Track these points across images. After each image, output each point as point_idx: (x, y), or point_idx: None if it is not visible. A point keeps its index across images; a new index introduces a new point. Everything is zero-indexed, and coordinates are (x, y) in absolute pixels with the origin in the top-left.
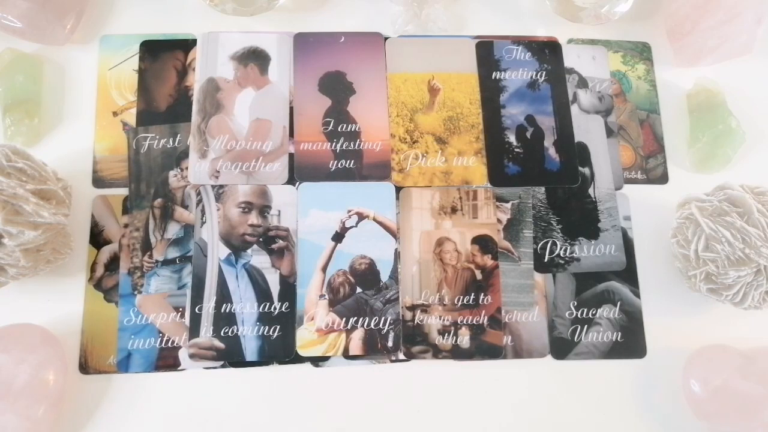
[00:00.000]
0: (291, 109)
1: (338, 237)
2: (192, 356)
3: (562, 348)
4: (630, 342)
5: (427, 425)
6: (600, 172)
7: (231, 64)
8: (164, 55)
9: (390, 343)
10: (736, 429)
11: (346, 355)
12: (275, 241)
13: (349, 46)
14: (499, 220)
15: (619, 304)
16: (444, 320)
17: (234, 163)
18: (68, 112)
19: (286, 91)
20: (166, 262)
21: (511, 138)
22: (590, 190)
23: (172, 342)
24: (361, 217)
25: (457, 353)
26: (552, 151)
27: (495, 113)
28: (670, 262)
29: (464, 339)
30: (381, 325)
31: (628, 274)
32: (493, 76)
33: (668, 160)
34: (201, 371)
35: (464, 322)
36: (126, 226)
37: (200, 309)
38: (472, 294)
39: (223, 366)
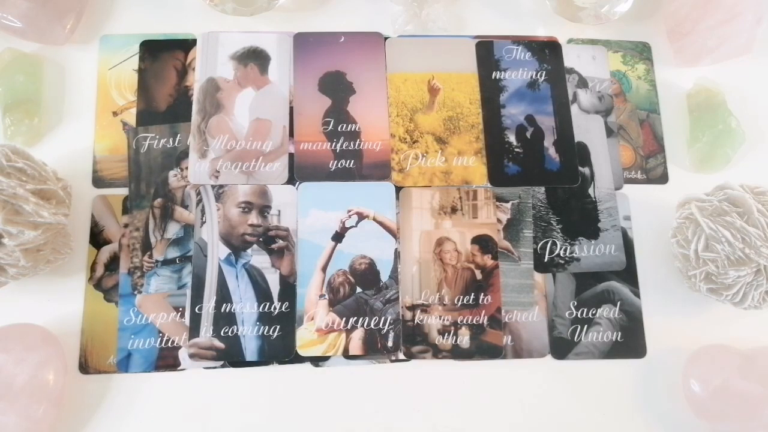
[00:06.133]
0: (291, 108)
1: (338, 237)
2: (192, 356)
3: (562, 348)
4: (630, 342)
5: (427, 425)
6: (600, 172)
7: (231, 64)
8: (164, 55)
9: (390, 343)
10: (736, 429)
11: (346, 355)
12: (275, 241)
13: (349, 46)
14: (499, 220)
15: (619, 304)
16: (444, 320)
17: (234, 163)
18: (68, 112)
19: (286, 90)
20: (166, 262)
21: (511, 138)
22: (590, 190)
23: (172, 342)
24: (361, 217)
25: (457, 353)
26: (552, 151)
27: (495, 113)
28: (670, 262)
29: (464, 339)
30: (381, 325)
31: (628, 274)
32: (493, 76)
33: (668, 160)
34: (201, 371)
35: (464, 322)
36: (126, 226)
37: (200, 309)
38: (472, 294)
39: (223, 366)
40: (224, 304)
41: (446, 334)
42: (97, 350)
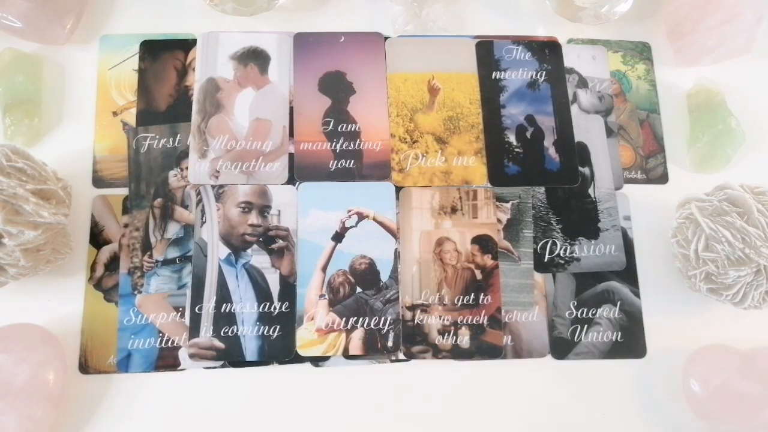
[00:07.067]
0: (291, 108)
1: (338, 237)
2: (192, 356)
3: (562, 348)
4: (630, 342)
5: (427, 425)
6: (600, 172)
7: (231, 64)
8: (164, 55)
9: (390, 343)
10: (736, 429)
11: (346, 355)
12: (275, 241)
13: (349, 46)
14: (499, 220)
15: (619, 303)
16: (444, 320)
17: (234, 163)
18: (68, 112)
19: (286, 90)
20: (166, 262)
21: (511, 138)
22: (590, 190)
23: (172, 342)
24: (361, 217)
25: (457, 353)
26: (552, 151)
27: (495, 113)
28: (670, 262)
29: (464, 339)
30: (381, 325)
31: (628, 274)
32: (493, 76)
33: (668, 160)
34: (201, 371)
35: (464, 322)
36: (126, 226)
37: (200, 309)
38: (472, 294)
39: (223, 366)
40: (224, 304)
41: (446, 334)
42: (97, 350)
